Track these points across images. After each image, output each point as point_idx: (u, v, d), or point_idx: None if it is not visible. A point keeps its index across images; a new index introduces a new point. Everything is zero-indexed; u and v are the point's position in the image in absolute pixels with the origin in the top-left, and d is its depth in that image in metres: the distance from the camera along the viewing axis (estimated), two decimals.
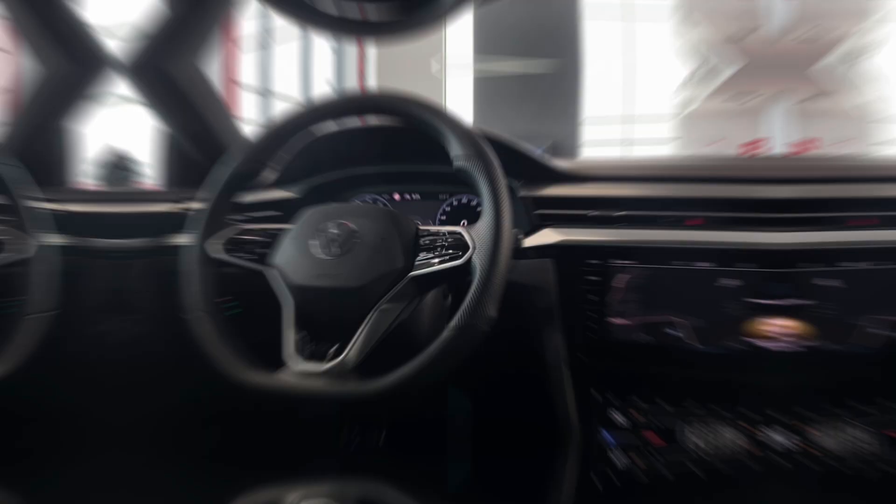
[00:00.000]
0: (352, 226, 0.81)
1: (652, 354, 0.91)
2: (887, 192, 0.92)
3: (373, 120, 1.03)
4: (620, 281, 0.93)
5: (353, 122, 1.03)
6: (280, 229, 0.87)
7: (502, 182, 0.78)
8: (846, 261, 0.86)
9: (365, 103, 0.87)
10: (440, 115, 0.82)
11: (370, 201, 1.21)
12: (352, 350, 0.75)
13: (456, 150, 0.80)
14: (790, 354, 0.85)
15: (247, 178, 0.89)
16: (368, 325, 0.76)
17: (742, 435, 0.88)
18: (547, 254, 0.97)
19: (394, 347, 0.80)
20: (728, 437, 0.77)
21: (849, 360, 0.86)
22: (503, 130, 1.07)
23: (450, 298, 0.95)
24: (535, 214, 1.02)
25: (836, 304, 0.86)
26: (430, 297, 0.88)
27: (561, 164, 1.07)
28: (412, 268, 0.79)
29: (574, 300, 0.95)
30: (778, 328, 0.87)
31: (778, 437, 0.87)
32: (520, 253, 0.92)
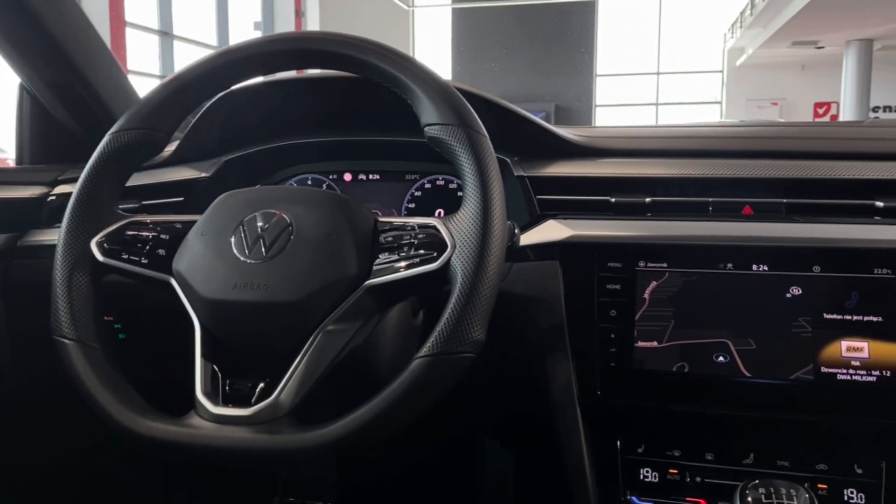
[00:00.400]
0: (285, 217, 0.80)
1: (694, 389, 0.92)
2: None
3: (314, 73, 1.02)
4: (651, 290, 0.94)
5: (286, 75, 1.02)
6: (184, 222, 0.86)
7: (492, 157, 0.78)
8: None
9: (302, 49, 0.85)
10: (407, 65, 0.81)
11: (311, 183, 1.20)
12: (286, 388, 0.74)
13: (428, 113, 0.79)
14: (867, 385, 0.86)
15: (138, 151, 0.87)
16: (309, 353, 0.75)
17: (832, 502, 0.89)
18: (552, 254, 0.97)
19: (345, 383, 0.79)
20: None
21: None
22: (492, 88, 1.07)
23: (421, 315, 0.95)
24: (537, 201, 1.02)
25: None
26: (395, 313, 0.87)
27: (569, 133, 1.07)
28: (369, 274, 0.78)
29: (588, 316, 0.95)
30: (856, 352, 0.88)
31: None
32: (516, 253, 0.92)
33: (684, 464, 0.94)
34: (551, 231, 0.97)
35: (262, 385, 0.77)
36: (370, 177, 1.20)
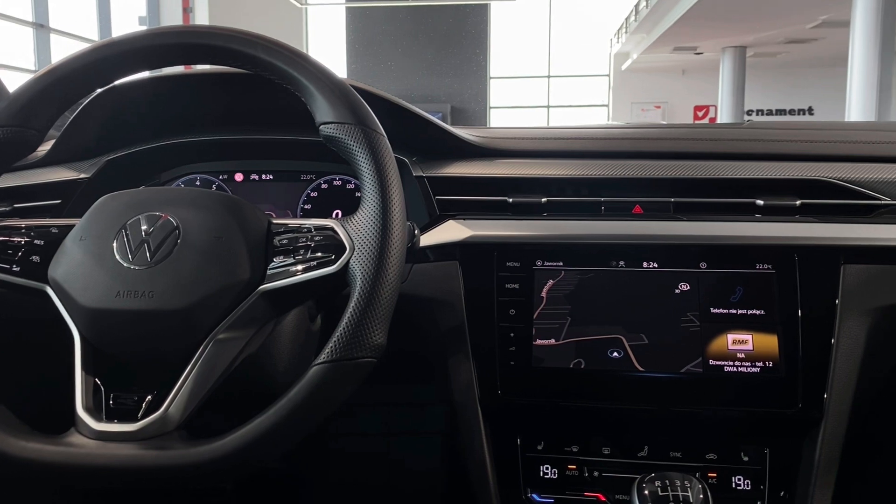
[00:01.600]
0: (171, 220, 0.76)
1: (590, 385, 0.93)
2: None
3: (203, 69, 0.98)
4: (548, 289, 0.95)
5: (173, 70, 0.97)
6: (61, 226, 0.80)
7: (390, 157, 0.77)
8: (855, 261, 0.92)
9: (188, 43, 0.81)
10: (299, 61, 0.78)
11: (199, 184, 1.15)
12: (175, 401, 0.70)
13: (323, 112, 0.77)
14: (752, 376, 0.90)
15: (7, 150, 0.80)
16: (200, 363, 0.72)
17: (721, 490, 0.92)
18: (452, 255, 0.97)
19: (239, 394, 0.76)
20: (701, 497, 0.80)
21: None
22: (389, 87, 1.06)
23: (319, 320, 0.92)
24: (436, 201, 1.01)
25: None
26: (291, 319, 0.84)
27: (467, 134, 1.07)
28: (263, 279, 0.75)
29: (488, 316, 0.95)
30: (741, 344, 0.92)
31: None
32: (416, 254, 0.91)
33: (582, 459, 0.96)
34: (451, 231, 0.97)
35: (149, 398, 0.72)
36: (263, 177, 1.16)
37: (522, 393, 0.94)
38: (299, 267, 0.74)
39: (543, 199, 1.00)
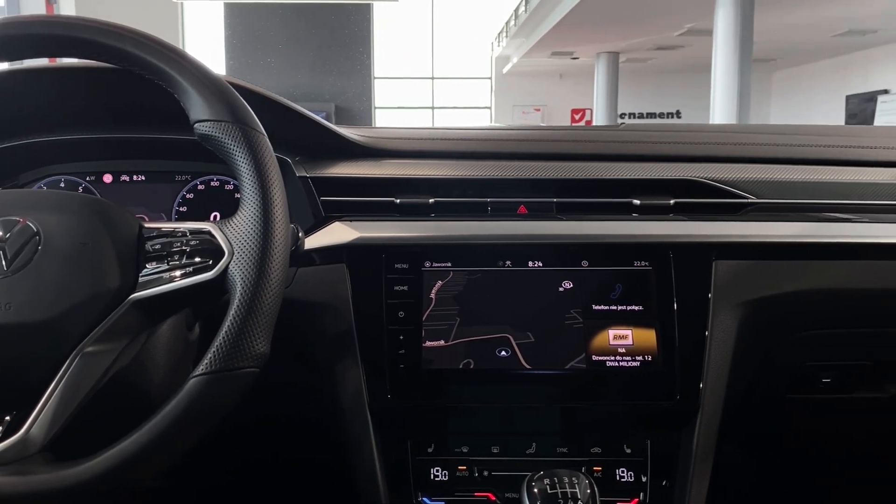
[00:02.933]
0: (31, 225, 0.70)
1: (479, 385, 0.93)
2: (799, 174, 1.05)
3: (69, 62, 0.91)
4: (437, 290, 0.94)
5: (34, 63, 0.89)
6: None
7: (270, 156, 0.74)
8: (726, 257, 0.97)
9: (49, 34, 0.75)
10: (172, 56, 0.74)
11: (64, 186, 1.07)
12: (38, 420, 0.65)
13: (198, 109, 0.73)
14: (632, 370, 0.93)
15: None
16: (65, 379, 0.66)
17: (606, 482, 0.94)
18: (338, 257, 0.94)
19: (110, 411, 0.71)
20: (588, 492, 0.81)
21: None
22: (270, 85, 1.02)
23: (197, 329, 0.87)
24: (321, 202, 0.98)
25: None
26: (167, 329, 0.79)
27: (352, 133, 1.05)
28: (134, 287, 0.70)
29: (377, 319, 0.94)
30: (621, 340, 0.95)
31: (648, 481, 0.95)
32: (300, 258, 0.88)
33: (472, 459, 0.96)
34: (337, 233, 0.94)
35: (8, 419, 0.67)
36: (134, 178, 1.10)
37: (413, 396, 0.93)
38: (174, 273, 0.70)
39: (431, 200, 0.99)
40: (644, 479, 0.96)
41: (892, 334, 1.05)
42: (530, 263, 0.96)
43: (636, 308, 0.95)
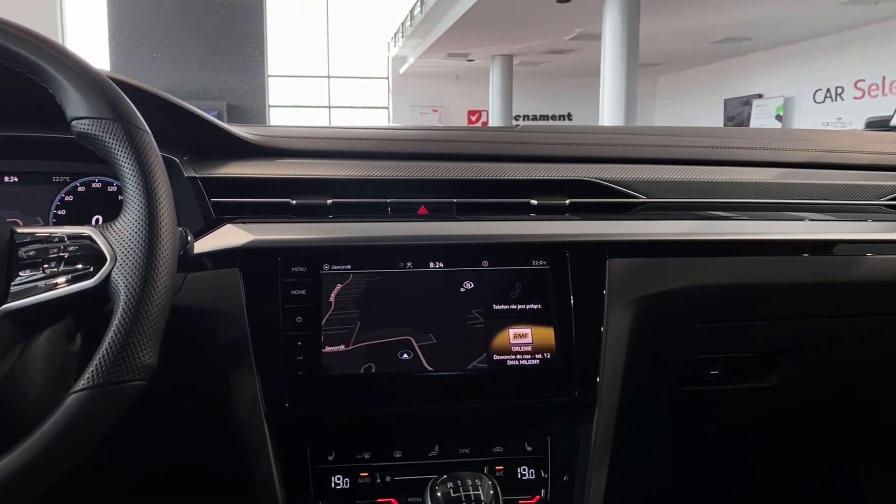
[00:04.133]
0: None
1: (381, 389, 0.92)
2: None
3: None
4: (336, 293, 0.92)
5: None
6: None
7: (156, 156, 0.69)
8: (619, 255, 0.99)
9: None
10: (45, 48, 0.68)
11: None
12: None
13: (76, 106, 0.68)
14: (532, 369, 0.94)
15: None
16: None
17: (508, 481, 0.95)
18: (231, 261, 0.90)
19: None
20: (491, 493, 0.81)
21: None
22: (156, 82, 0.97)
23: (79, 341, 0.82)
24: (211, 204, 0.94)
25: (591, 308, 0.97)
26: (44, 341, 0.74)
27: (244, 132, 1.01)
28: (5, 297, 0.65)
29: (273, 325, 0.91)
30: (522, 338, 0.95)
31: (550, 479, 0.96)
32: (189, 263, 0.84)
33: (374, 465, 0.94)
34: (229, 236, 0.91)
35: None
36: (6, 179, 1.02)
37: (312, 403, 0.91)
38: (51, 282, 0.65)
39: (329, 201, 0.97)
40: (545, 476, 0.97)
41: (773, 326, 1.11)
42: (431, 264, 0.95)
43: (535, 307, 0.96)
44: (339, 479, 0.94)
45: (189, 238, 0.80)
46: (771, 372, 1.16)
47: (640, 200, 1.05)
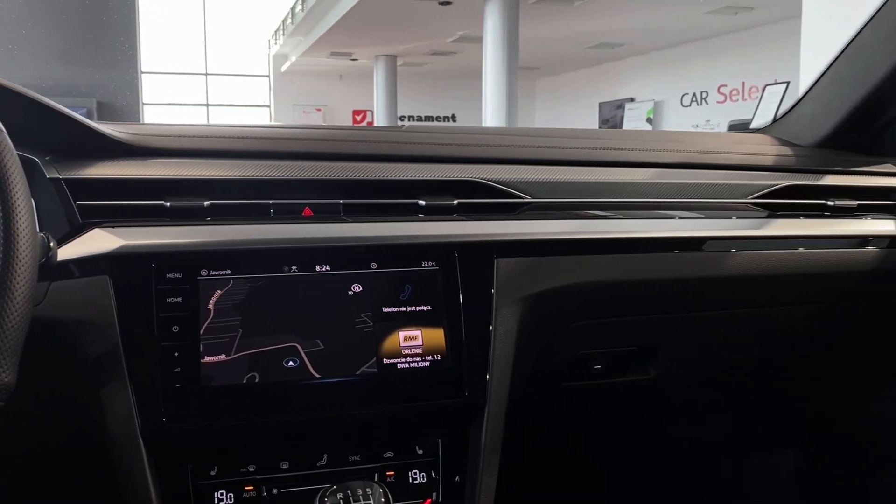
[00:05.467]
0: None
1: (266, 399, 0.88)
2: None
3: None
4: (215, 300, 0.88)
5: None
6: None
7: (11, 155, 0.63)
8: (506, 255, 0.99)
9: None
10: None
11: None
12: None
13: None
14: (423, 371, 0.94)
15: None
16: None
17: (399, 486, 0.93)
18: (100, 269, 0.84)
19: None
20: (382, 500, 0.80)
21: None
22: (10, 76, 0.89)
23: None
24: (77, 207, 0.87)
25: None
26: None
27: (114, 130, 0.95)
28: None
29: (148, 335, 0.85)
30: (412, 341, 0.94)
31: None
32: (52, 271, 0.77)
33: (260, 478, 0.91)
34: (97, 242, 0.84)
35: None
36: None
37: (192, 417, 0.86)
38: None
39: (206, 203, 0.92)
40: (436, 477, 0.96)
41: (651, 321, 1.15)
42: (317, 267, 0.92)
43: (425, 308, 0.95)
44: (222, 494, 0.89)
45: (51, 244, 0.74)
46: (650, 365, 1.20)
47: (526, 200, 1.07)
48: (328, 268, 0.93)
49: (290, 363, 0.89)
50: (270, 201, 0.96)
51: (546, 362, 1.11)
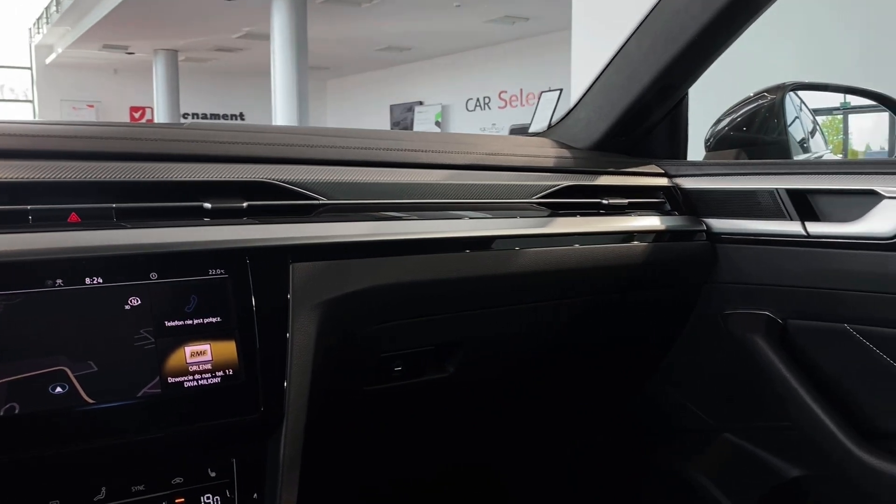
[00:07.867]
0: None
1: (30, 432, 0.77)
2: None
3: None
4: None
5: None
6: None
7: None
8: (302, 259, 0.94)
9: None
10: None
11: None
12: None
13: None
14: (213, 388, 0.87)
15: None
16: None
17: None
18: None
19: None
20: None
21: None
22: None
23: None
24: None
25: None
26: None
27: None
28: None
29: None
30: (200, 356, 0.87)
31: None
32: None
33: None
34: None
35: None
36: None
37: None
38: None
39: None
40: (231, 497, 0.90)
41: (447, 320, 1.17)
42: (87, 280, 0.82)
43: (214, 320, 0.88)
44: None
45: None
46: (447, 363, 1.21)
47: (321, 202, 1.03)
48: (100, 280, 0.82)
49: (58, 389, 0.78)
50: (28, 207, 0.83)
51: (347, 368, 1.08)
